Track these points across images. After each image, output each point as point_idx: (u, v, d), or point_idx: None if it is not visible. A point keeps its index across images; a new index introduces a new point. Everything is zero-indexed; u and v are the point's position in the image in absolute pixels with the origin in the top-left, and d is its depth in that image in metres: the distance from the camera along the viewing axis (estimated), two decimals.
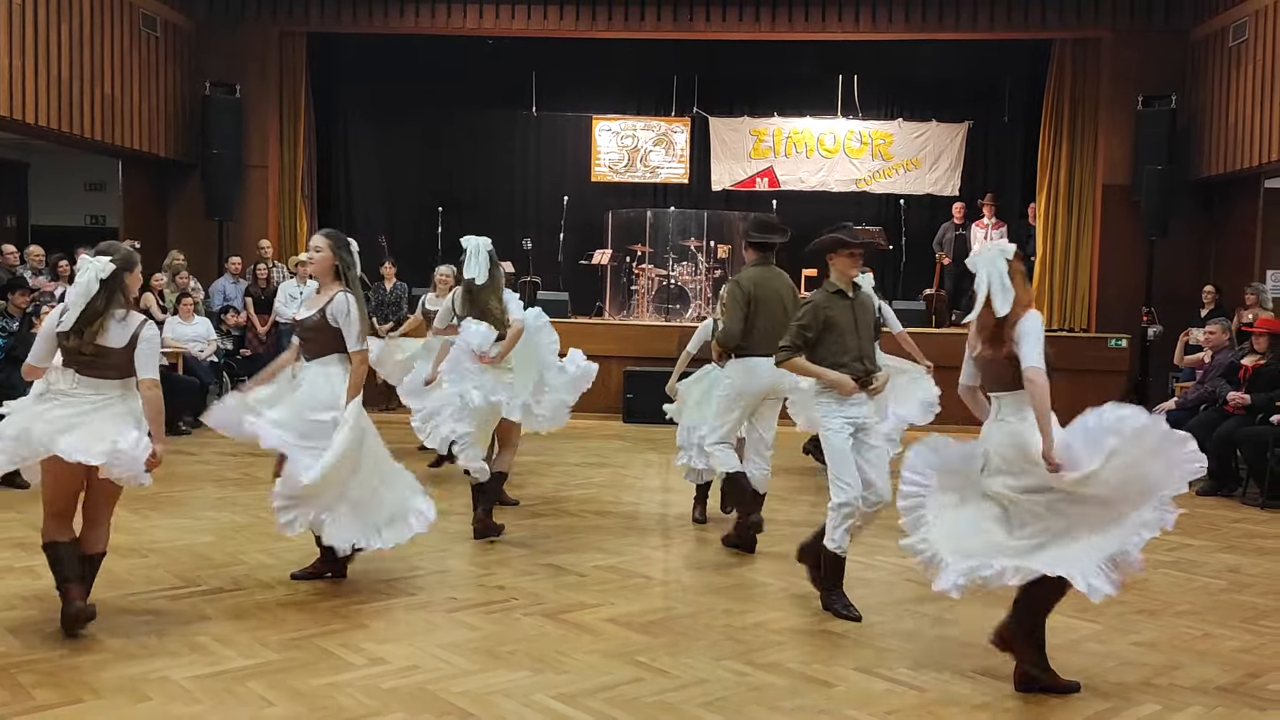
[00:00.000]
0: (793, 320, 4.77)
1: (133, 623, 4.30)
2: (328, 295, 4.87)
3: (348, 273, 4.91)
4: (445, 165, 14.10)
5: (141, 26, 11.53)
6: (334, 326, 4.79)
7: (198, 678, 3.75)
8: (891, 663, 4.06)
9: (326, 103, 13.83)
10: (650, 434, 10.04)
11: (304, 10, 12.64)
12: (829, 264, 4.78)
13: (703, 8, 12.28)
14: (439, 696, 3.66)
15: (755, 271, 5.71)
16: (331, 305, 4.79)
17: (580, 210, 13.46)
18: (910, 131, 13.76)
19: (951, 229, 12.58)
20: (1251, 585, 5.36)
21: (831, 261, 4.75)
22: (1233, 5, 11.05)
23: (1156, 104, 11.66)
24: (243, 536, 5.78)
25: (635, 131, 14.15)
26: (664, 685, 3.81)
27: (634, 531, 6.21)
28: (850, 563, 5.51)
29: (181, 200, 12.73)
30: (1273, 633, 4.57)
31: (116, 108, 11.11)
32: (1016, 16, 12.05)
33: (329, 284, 4.92)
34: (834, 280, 4.75)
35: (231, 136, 12.29)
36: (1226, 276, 11.19)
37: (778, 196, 13.52)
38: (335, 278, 4.91)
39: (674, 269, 12.56)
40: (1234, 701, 3.79)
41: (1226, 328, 8.63)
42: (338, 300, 4.80)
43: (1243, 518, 7.06)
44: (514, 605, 4.69)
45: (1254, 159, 10.60)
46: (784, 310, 5.52)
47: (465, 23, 12.49)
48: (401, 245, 12.78)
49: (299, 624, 4.35)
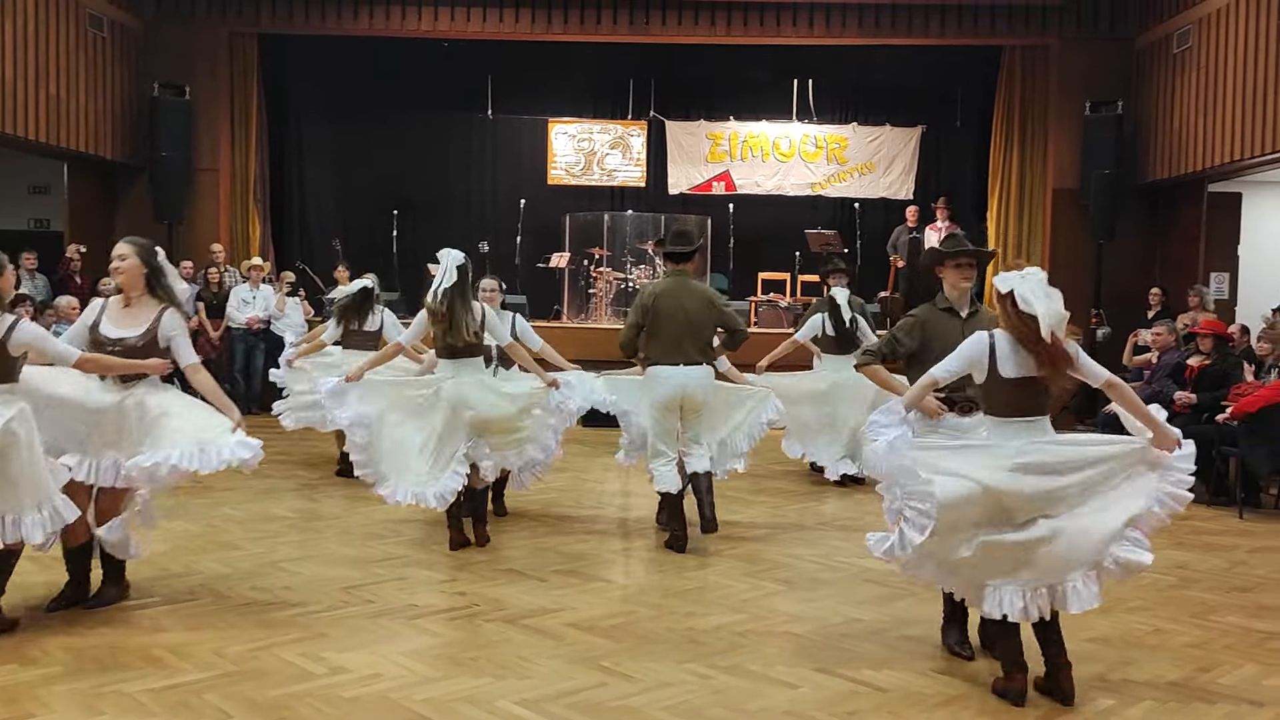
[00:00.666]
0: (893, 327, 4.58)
1: (85, 635, 4.21)
2: (149, 312, 4.50)
3: (161, 283, 4.56)
4: (400, 168, 13.98)
5: (88, 26, 11.32)
6: (163, 346, 4.49)
7: (153, 691, 3.68)
8: (854, 663, 4.09)
9: (279, 104, 13.67)
10: (609, 438, 9.96)
11: (255, 11, 12.49)
12: (940, 280, 4.46)
13: (658, 11, 12.33)
14: (402, 705, 3.62)
15: (663, 282, 5.84)
16: (162, 325, 4.48)
17: (537, 213, 13.43)
18: (865, 136, 13.89)
19: (905, 232, 12.72)
20: (1200, 581, 5.47)
21: (941, 275, 4.44)
22: (1177, 13, 11.30)
23: (1103, 109, 11.90)
24: (196, 545, 5.69)
25: (592, 135, 14.14)
26: (627, 689, 3.81)
27: (594, 536, 6.20)
28: (810, 564, 5.57)
29: (129, 203, 12.50)
30: (1221, 627, 4.67)
31: (62, 109, 10.89)
32: (967, 23, 12.24)
33: (142, 299, 4.53)
34: (944, 295, 4.44)
35: (181, 138, 12.11)
36: (1172, 279, 11.43)
37: (734, 200, 13.59)
38: (148, 290, 4.54)
39: (632, 272, 12.57)
40: (1185, 695, 3.87)
41: (1173, 329, 8.82)
42: (167, 320, 4.49)
43: (1190, 515, 7.16)
44: (475, 611, 4.66)
45: (1198, 163, 10.85)
46: (688, 321, 5.64)
47: (420, 25, 12.42)
48: (356, 249, 12.65)
49: (257, 634, 4.28)
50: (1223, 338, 8.18)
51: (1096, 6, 12.20)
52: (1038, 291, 3.68)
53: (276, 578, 5.10)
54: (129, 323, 4.50)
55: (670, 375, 5.67)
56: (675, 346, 5.65)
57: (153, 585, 4.92)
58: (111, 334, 4.48)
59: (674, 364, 5.66)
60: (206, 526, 6.11)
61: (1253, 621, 4.76)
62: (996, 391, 3.74)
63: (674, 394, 5.70)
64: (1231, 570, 5.73)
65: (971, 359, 3.78)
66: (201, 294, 11.17)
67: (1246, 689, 3.94)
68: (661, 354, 5.70)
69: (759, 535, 6.25)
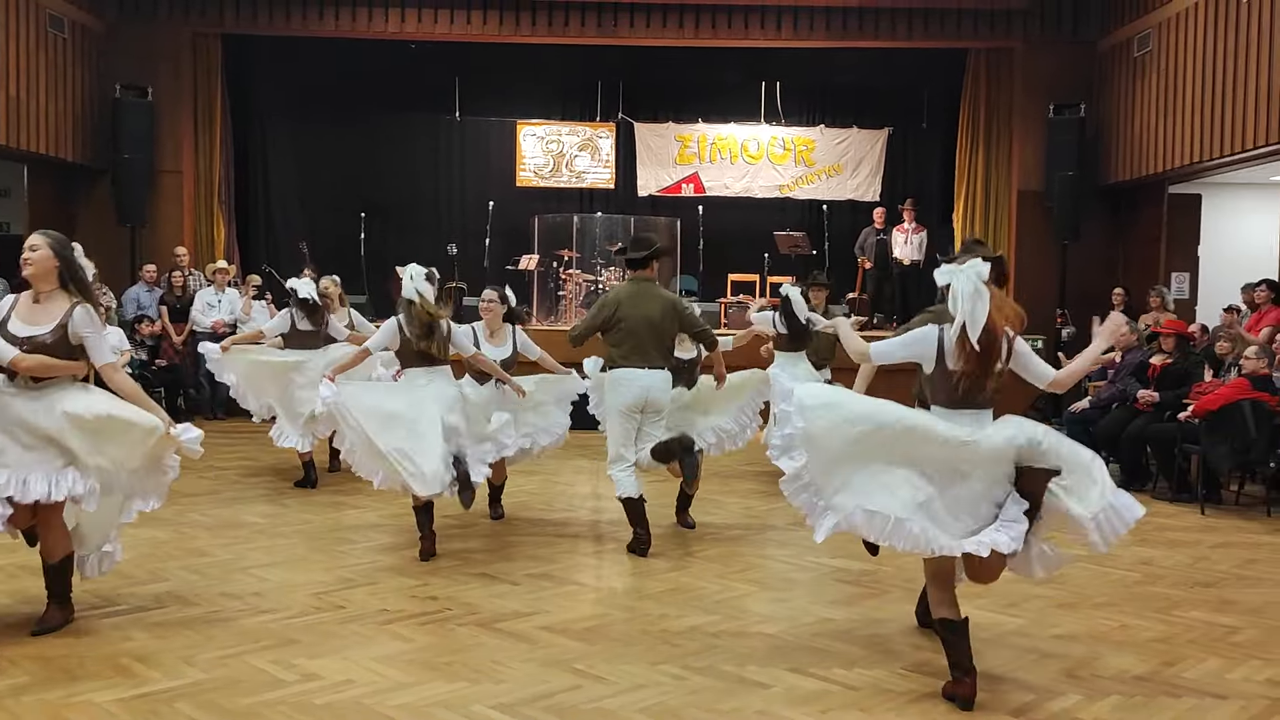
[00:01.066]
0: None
1: (53, 645, 4.16)
2: (60, 307, 4.26)
3: (75, 277, 4.34)
4: (367, 170, 13.90)
5: (48, 27, 11.15)
6: (74, 344, 4.26)
7: (122, 700, 3.64)
8: (826, 662, 4.12)
9: (243, 106, 13.54)
10: (581, 440, 9.97)
11: (218, 11, 12.36)
12: None
13: (626, 13, 12.34)
14: (375, 711, 3.61)
15: (626, 287, 5.92)
16: (73, 321, 4.24)
17: (506, 215, 13.39)
18: (832, 138, 13.99)
19: (873, 234, 12.82)
20: (1164, 577, 5.56)
21: None
22: (1138, 17, 11.47)
23: (1066, 112, 12.05)
24: (164, 553, 5.62)
25: (560, 137, 14.13)
26: (602, 692, 3.82)
27: (566, 539, 6.20)
28: (781, 564, 5.61)
29: (91, 206, 12.34)
30: (1185, 622, 4.75)
31: (22, 110, 10.72)
32: (934, 26, 12.35)
33: (53, 294, 4.29)
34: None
35: (143, 140, 11.96)
36: (1134, 279, 11.61)
37: (703, 202, 13.63)
38: (60, 284, 4.32)
39: (601, 274, 12.58)
40: (1151, 689, 3.93)
41: (1136, 328, 8.96)
42: (79, 315, 4.25)
43: (1154, 511, 7.29)
44: (448, 616, 4.64)
45: (1159, 165, 11.02)
46: (650, 326, 5.73)
47: (387, 26, 12.35)
48: (323, 251, 12.55)
49: (226, 641, 4.25)
50: (1184, 337, 8.32)
51: (1060, 10, 12.36)
52: (967, 289, 3.71)
53: (246, 584, 5.06)
54: (39, 319, 4.25)
55: (635, 379, 5.73)
56: (639, 351, 5.73)
57: (120, 593, 4.86)
58: (21, 332, 4.22)
59: (638, 368, 5.74)
60: (174, 533, 6.04)
61: (1216, 616, 4.85)
62: (941, 383, 3.80)
63: (638, 397, 5.76)
64: (1195, 566, 5.83)
65: (914, 349, 3.85)
66: (165, 298, 11.04)
67: (1210, 683, 4.02)
68: (625, 358, 5.76)
69: (731, 536, 6.27)
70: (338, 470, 7.68)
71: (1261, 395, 7.18)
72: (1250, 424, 7.08)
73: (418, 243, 12.39)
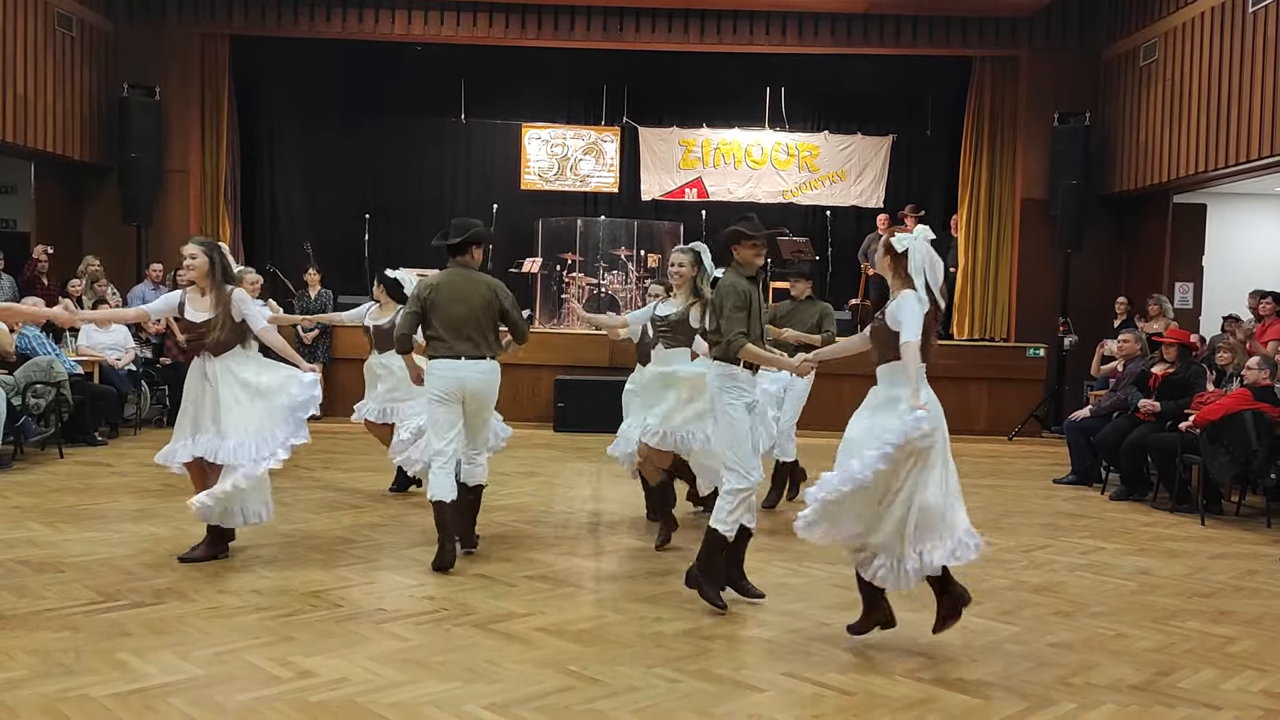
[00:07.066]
0: None
1: (49, 639, 4.17)
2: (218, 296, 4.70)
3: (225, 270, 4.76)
4: (372, 172, 13.94)
5: (57, 26, 11.21)
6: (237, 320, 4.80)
7: (118, 695, 3.65)
8: (820, 667, 4.12)
9: (250, 107, 13.59)
10: (581, 442, 10.04)
11: (227, 13, 12.42)
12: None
13: (633, 18, 12.36)
14: (369, 709, 3.61)
15: (442, 273, 5.60)
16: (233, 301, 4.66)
17: (510, 218, 13.43)
18: (836, 144, 14.01)
19: (876, 240, 12.82)
20: (1162, 587, 5.55)
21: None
22: (1143, 26, 11.48)
23: (1071, 121, 12.06)
24: (163, 549, 5.64)
25: (565, 140, 14.16)
26: (595, 693, 3.82)
27: (564, 540, 6.20)
28: (777, 568, 5.60)
29: (97, 205, 12.40)
30: (1182, 632, 4.74)
31: (30, 109, 10.78)
32: (939, 34, 12.36)
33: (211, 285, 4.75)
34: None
35: (151, 140, 12.02)
36: (1137, 288, 11.60)
37: (706, 207, 13.66)
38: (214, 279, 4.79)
39: (604, 278, 12.60)
40: (1146, 699, 3.93)
41: (1138, 338, 8.95)
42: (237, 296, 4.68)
43: (1153, 521, 7.32)
44: (444, 616, 4.65)
45: (1163, 175, 11.02)
46: (468, 311, 5.43)
47: (394, 28, 12.39)
48: (327, 252, 12.60)
49: (223, 637, 4.26)
50: (1187, 346, 8.31)
51: (1065, 19, 12.37)
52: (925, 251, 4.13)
53: (243, 581, 5.07)
54: (206, 307, 4.63)
55: (451, 369, 5.42)
56: (452, 339, 5.41)
57: (118, 589, 4.88)
58: (197, 318, 4.68)
59: (454, 357, 5.42)
60: (173, 529, 6.06)
61: (1212, 627, 4.84)
62: (926, 344, 4.14)
63: (453, 388, 5.45)
64: (1193, 576, 5.82)
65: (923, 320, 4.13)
66: None
67: (1205, 693, 4.01)
68: (439, 348, 5.47)
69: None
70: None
71: (1263, 406, 7.17)
72: (1252, 435, 7.07)
73: (421, 244, 12.39)
